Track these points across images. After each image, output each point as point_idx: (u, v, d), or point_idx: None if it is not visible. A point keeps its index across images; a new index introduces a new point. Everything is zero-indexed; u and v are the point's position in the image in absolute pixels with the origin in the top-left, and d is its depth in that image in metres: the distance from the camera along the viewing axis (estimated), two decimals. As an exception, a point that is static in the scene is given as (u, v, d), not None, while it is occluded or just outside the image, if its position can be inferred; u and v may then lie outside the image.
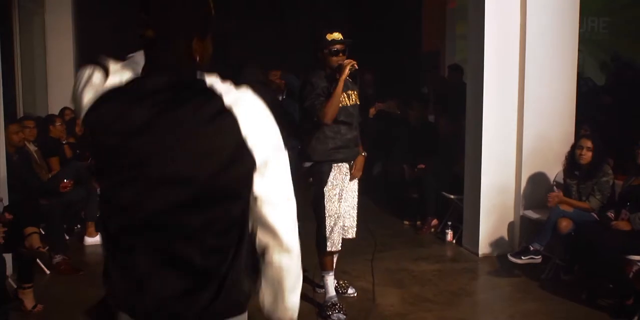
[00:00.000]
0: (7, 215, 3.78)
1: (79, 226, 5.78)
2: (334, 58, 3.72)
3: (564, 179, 4.60)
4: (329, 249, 3.82)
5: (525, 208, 5.02)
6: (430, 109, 7.02)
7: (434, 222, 5.93)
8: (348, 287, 4.25)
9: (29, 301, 3.81)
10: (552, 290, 4.31)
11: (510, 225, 5.14)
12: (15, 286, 3.90)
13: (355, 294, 4.25)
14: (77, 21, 8.25)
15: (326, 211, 3.77)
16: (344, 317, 3.83)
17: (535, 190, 5.02)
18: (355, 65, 3.69)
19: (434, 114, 7.03)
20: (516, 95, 5.03)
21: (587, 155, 4.31)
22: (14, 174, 4.42)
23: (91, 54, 6.50)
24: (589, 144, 4.33)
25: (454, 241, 5.53)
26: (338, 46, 3.73)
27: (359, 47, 7.98)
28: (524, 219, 5.02)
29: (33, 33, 7.93)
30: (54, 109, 7.89)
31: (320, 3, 9.06)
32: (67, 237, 5.58)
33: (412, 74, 9.27)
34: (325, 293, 3.96)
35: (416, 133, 6.59)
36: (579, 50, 7.74)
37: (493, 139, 5.03)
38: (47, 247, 4.10)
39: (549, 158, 5.00)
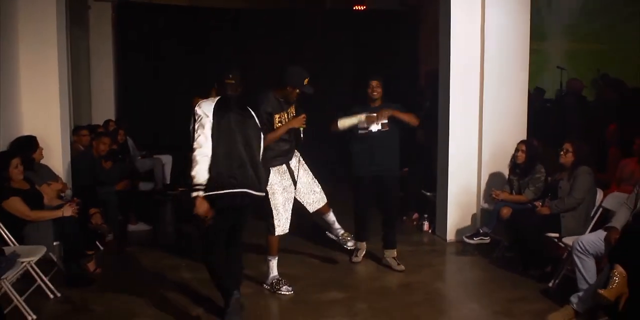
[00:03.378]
0: (76, 199, 5.04)
1: (121, 217, 7.04)
2: (293, 96, 4.57)
3: (508, 176, 5.75)
4: (277, 234, 4.68)
5: (485, 202, 6.17)
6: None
7: (415, 215, 7.10)
8: (348, 241, 4.98)
9: (92, 264, 5.06)
10: (498, 265, 5.46)
11: (473, 217, 6.29)
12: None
13: (353, 247, 5.17)
14: (117, 46, 9.62)
15: (271, 205, 4.64)
16: (291, 287, 4.70)
17: (493, 186, 6.15)
18: (304, 124, 4.64)
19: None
20: (477, 109, 6.20)
21: (521, 156, 5.47)
22: (81, 166, 5.72)
23: (129, 74, 7.94)
24: (523, 147, 5.50)
25: (430, 231, 6.68)
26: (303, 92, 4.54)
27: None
28: (483, 211, 6.16)
29: (80, 56, 9.28)
30: (97, 121, 9.24)
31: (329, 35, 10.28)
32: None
33: (411, 89, 10.44)
34: (269, 273, 4.77)
35: (403, 142, 7.75)
36: (562, 68, 8.92)
37: (458, 146, 6.20)
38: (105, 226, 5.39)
39: (504, 162, 6.12)
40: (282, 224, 4.70)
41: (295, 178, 4.79)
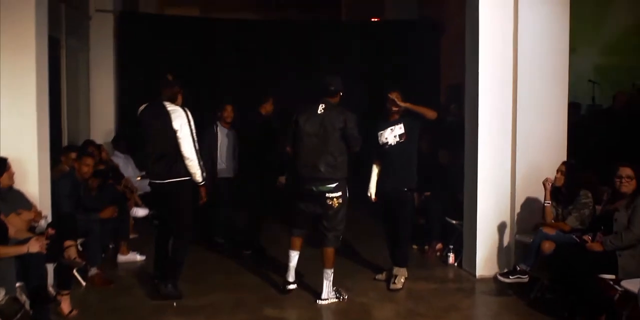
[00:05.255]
0: (51, 230, 4.36)
1: (112, 245, 6.38)
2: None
3: (549, 203, 4.97)
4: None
5: (519, 232, 5.39)
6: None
7: (439, 246, 6.34)
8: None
9: (66, 306, 4.36)
10: (537, 308, 4.66)
11: (506, 249, 5.52)
12: (54, 293, 4.45)
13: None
14: (118, 59, 9.04)
15: (341, 217, 4.91)
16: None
17: (528, 215, 5.40)
18: None
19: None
20: (510, 126, 5.46)
21: (560, 179, 4.74)
22: (62, 191, 5.09)
23: (131, 88, 7.27)
24: (563, 168, 4.75)
25: (456, 264, 5.91)
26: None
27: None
28: (517, 243, 5.39)
29: (78, 69, 8.71)
30: (96, 138, 8.58)
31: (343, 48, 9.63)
32: (103, 254, 6.20)
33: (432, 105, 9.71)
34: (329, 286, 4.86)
35: (424, 162, 7.03)
36: (594, 82, 8.19)
37: (488, 168, 5.46)
38: (83, 261, 4.69)
39: (541, 186, 5.37)
40: None
41: None
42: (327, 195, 4.73)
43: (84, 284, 5.19)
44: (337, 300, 4.80)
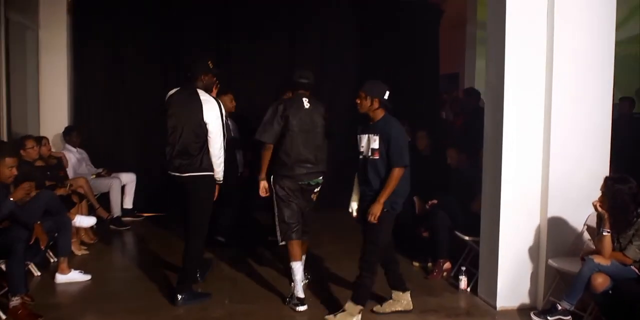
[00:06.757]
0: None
1: (54, 260, 5.28)
2: None
3: (609, 231, 3.91)
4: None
5: (551, 255, 4.37)
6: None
7: (447, 265, 5.30)
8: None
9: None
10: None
11: (534, 275, 4.49)
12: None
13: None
14: (73, 38, 7.84)
15: None
16: None
17: (563, 235, 4.39)
18: None
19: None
20: (541, 127, 4.42)
21: (604, 201, 3.70)
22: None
23: (88, 72, 6.03)
24: (603, 187, 3.74)
25: (469, 289, 4.88)
26: None
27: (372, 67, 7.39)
28: (549, 268, 4.36)
29: (26, 49, 7.54)
30: (47, 129, 7.50)
31: (331, 25, 8.45)
32: (39, 273, 5.10)
33: (429, 97, 8.66)
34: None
35: (427, 163, 5.99)
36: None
37: (514, 177, 4.41)
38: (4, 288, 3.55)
39: (579, 198, 4.36)
40: None
41: None
42: (315, 189, 4.69)
43: (4, 318, 4.08)
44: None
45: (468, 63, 10.37)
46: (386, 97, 4.05)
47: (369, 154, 4.07)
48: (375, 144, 4.03)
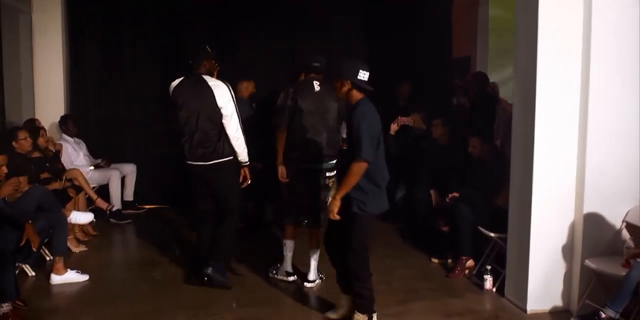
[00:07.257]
0: None
1: (50, 258, 4.97)
2: None
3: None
4: None
5: (588, 255, 4.02)
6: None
7: (469, 263, 4.96)
8: None
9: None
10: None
11: (567, 275, 4.15)
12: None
13: None
14: (67, 21, 7.44)
15: None
16: None
17: (599, 233, 4.03)
18: None
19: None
20: (577, 117, 4.04)
21: None
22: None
23: (84, 59, 5.62)
24: None
25: (494, 290, 4.55)
26: None
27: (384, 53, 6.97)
28: (585, 269, 4.01)
29: (19, 33, 7.16)
30: (42, 117, 7.13)
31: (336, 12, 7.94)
32: (33, 274, 4.78)
33: (441, 83, 8.23)
34: None
35: (444, 153, 5.65)
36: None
37: (547, 170, 4.04)
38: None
39: (617, 193, 4.00)
40: None
41: None
42: (327, 173, 4.56)
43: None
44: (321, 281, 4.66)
45: (480, 46, 9.95)
46: (361, 77, 3.52)
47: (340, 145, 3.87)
48: (344, 133, 3.68)
